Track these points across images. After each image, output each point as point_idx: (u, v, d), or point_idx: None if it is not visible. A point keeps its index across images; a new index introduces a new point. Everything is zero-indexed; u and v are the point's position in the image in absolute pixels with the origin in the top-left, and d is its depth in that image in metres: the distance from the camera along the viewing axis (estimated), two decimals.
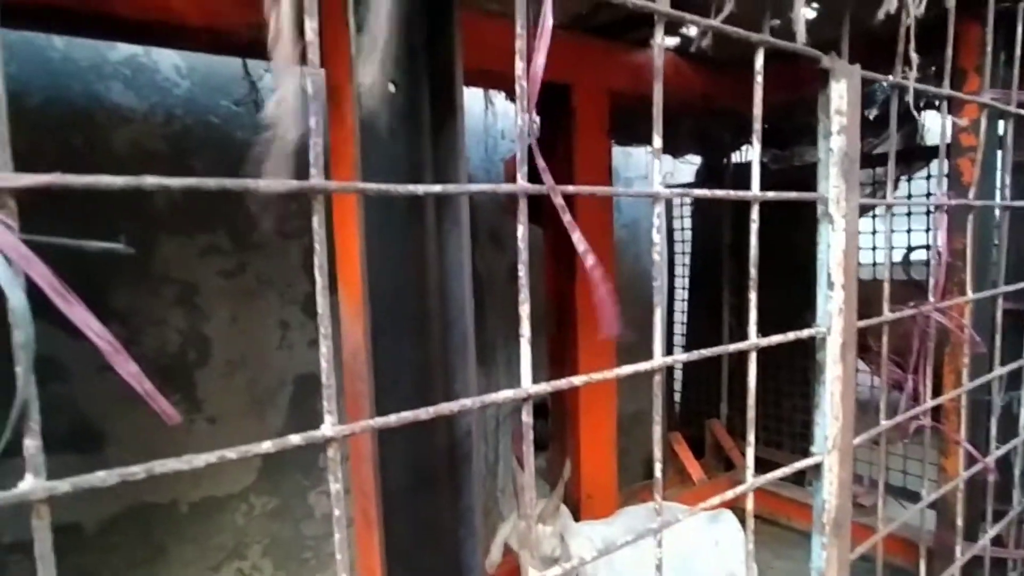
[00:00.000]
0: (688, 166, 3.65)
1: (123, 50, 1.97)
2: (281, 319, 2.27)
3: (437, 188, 0.57)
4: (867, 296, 0.95)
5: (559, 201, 0.62)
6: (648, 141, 3.10)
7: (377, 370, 0.70)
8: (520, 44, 0.57)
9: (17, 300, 0.39)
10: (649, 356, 0.69)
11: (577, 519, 2.02)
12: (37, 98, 1.84)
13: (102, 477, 0.41)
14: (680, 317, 3.79)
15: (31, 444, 0.40)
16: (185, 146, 2.08)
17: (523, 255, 0.61)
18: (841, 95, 0.85)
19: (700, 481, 2.98)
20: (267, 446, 0.48)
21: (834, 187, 0.86)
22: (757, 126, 0.79)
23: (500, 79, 2.13)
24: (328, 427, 0.50)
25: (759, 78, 0.77)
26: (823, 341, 0.88)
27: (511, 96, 2.51)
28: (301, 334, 2.31)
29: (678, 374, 3.72)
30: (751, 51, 0.77)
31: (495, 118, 2.80)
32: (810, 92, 0.89)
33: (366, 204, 0.69)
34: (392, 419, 0.54)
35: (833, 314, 0.87)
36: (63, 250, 0.41)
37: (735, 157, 3.39)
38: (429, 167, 0.71)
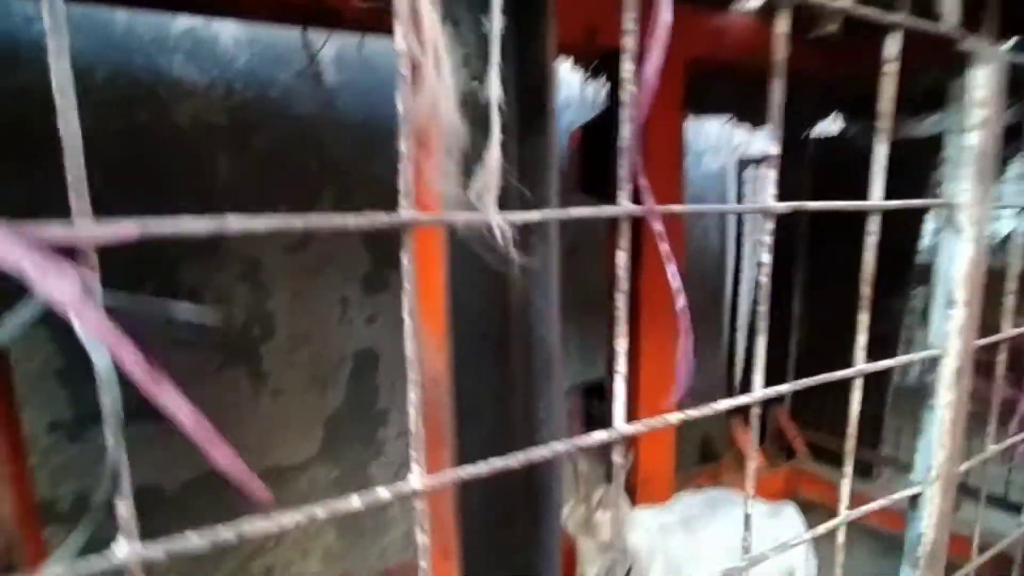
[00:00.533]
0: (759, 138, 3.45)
1: (183, 23, 1.96)
2: (342, 295, 2.28)
3: (536, 215, 0.52)
4: None
5: (659, 227, 0.56)
6: (722, 110, 2.89)
7: (457, 394, 0.67)
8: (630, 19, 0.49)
9: (103, 363, 0.36)
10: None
11: (633, 504, 2.00)
12: (102, 73, 1.85)
13: (195, 542, 0.40)
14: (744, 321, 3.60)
15: (124, 509, 0.38)
16: (245, 118, 2.07)
17: (623, 284, 0.55)
18: (984, 83, 0.73)
19: (760, 469, 2.90)
20: (357, 502, 0.45)
21: (965, 191, 0.76)
22: (884, 125, 0.68)
23: (563, 47, 2.03)
24: (416, 479, 0.47)
25: (889, 67, 0.66)
26: (937, 363, 0.80)
27: (579, 63, 2.39)
28: (360, 311, 2.32)
29: (739, 357, 3.59)
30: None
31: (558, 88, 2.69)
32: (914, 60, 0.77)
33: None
34: (482, 468, 0.50)
35: (951, 334, 0.79)
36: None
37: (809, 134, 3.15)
38: (514, 179, 0.66)
